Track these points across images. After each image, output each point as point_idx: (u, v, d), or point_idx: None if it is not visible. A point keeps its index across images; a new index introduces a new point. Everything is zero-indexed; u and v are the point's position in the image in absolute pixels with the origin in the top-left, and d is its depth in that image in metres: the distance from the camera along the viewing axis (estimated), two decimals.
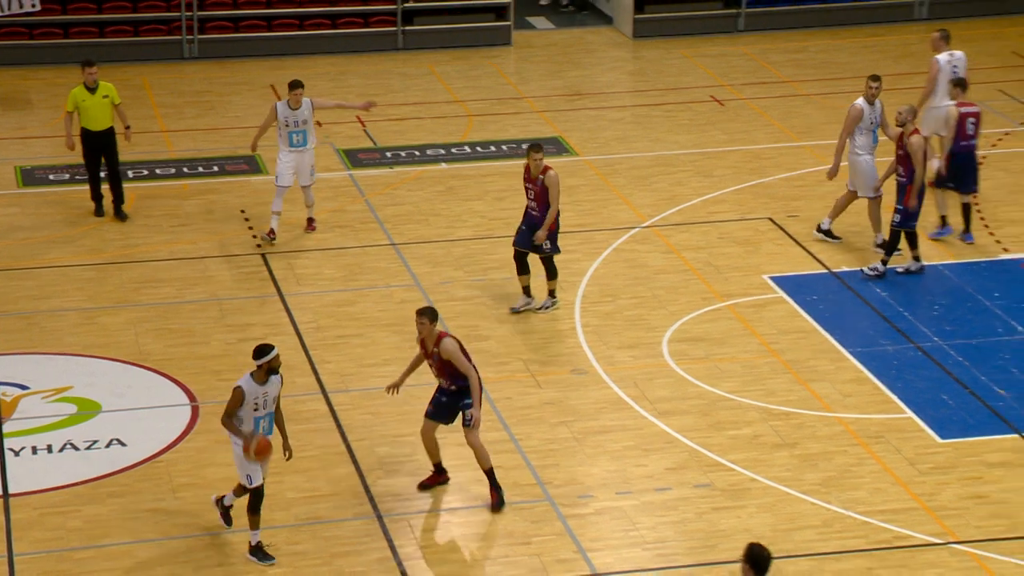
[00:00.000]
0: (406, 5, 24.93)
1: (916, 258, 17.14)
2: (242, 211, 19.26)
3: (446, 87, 23.39)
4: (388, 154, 20.95)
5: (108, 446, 14.23)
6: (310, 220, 18.53)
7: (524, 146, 19.99)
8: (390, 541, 13.00)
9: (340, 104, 19.38)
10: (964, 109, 17.76)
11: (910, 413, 14.69)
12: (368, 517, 13.32)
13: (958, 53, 18.99)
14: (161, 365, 15.61)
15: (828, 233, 17.94)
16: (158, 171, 20.41)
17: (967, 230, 18.02)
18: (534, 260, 16.51)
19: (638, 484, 13.63)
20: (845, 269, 17.48)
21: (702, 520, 13.15)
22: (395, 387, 13.57)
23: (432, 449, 13.54)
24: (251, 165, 20.56)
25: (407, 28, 25.01)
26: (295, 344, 16.08)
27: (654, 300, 16.88)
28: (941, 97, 18.67)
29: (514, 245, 16.52)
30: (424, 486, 13.64)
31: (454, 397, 13.24)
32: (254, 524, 12.66)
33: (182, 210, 19.26)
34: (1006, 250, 17.89)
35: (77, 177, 19.75)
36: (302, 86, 17.78)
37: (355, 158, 20.83)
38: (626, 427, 14.53)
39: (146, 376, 15.46)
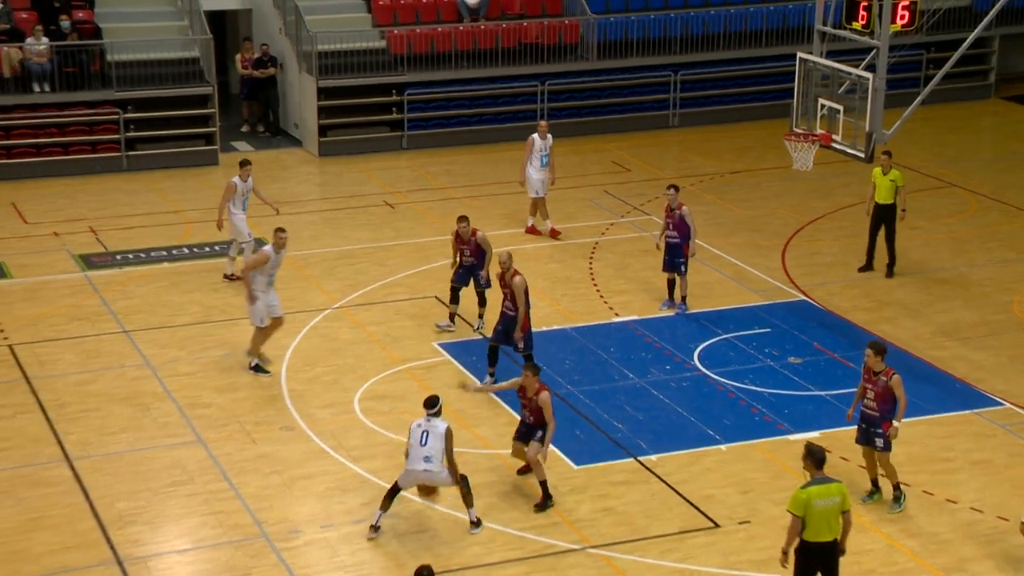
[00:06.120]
0: (128, 134, 24.24)
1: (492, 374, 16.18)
2: None
3: (166, 200, 22.76)
4: (118, 256, 20.19)
5: None
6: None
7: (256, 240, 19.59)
8: None
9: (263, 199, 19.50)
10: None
11: (552, 447, 14.84)
12: (110, 563, 12.66)
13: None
14: None
15: (258, 368, 16.29)
16: None
17: (670, 299, 18.32)
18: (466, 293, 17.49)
19: (338, 518, 13.39)
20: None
21: (392, 544, 12.99)
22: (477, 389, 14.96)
23: (519, 456, 13.88)
24: None
25: (130, 153, 24.30)
26: (40, 419, 15.21)
27: (346, 367, 16.69)
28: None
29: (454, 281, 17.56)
30: (521, 472, 14.07)
31: (532, 429, 13.65)
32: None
33: None
34: (617, 314, 18.37)
35: None
36: (251, 163, 18.78)
37: (90, 261, 19.97)
38: (327, 472, 14.26)
39: None
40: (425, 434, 12.86)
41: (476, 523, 13.19)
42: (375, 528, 13.02)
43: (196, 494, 13.79)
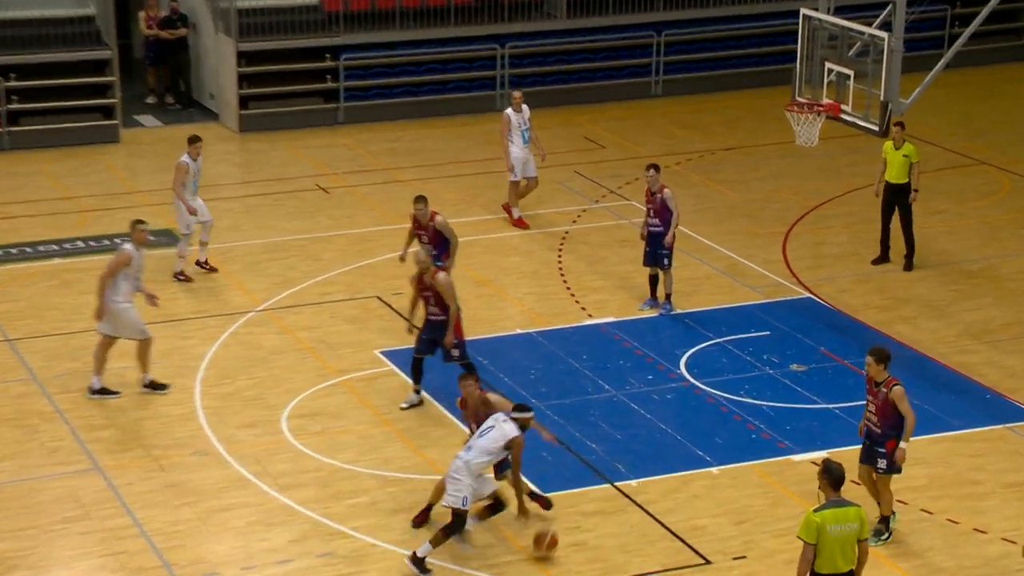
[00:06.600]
0: (11, 106, 24.10)
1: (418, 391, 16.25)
2: None
3: (55, 185, 22.66)
4: None
5: None
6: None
7: None
8: None
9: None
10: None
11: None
12: None
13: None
14: None
15: (154, 385, 16.32)
16: None
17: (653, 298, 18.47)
18: None
19: (262, 558, 13.34)
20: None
21: None
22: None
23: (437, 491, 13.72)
24: None
25: (13, 129, 24.19)
26: None
27: (271, 379, 16.67)
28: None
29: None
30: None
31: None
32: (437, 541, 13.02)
33: None
34: (590, 316, 18.41)
35: None
36: (201, 139, 19.14)
37: None
38: (248, 503, 14.22)
39: None
40: (490, 428, 13.27)
41: (421, 566, 13.04)
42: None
43: (92, 532, 13.71)
